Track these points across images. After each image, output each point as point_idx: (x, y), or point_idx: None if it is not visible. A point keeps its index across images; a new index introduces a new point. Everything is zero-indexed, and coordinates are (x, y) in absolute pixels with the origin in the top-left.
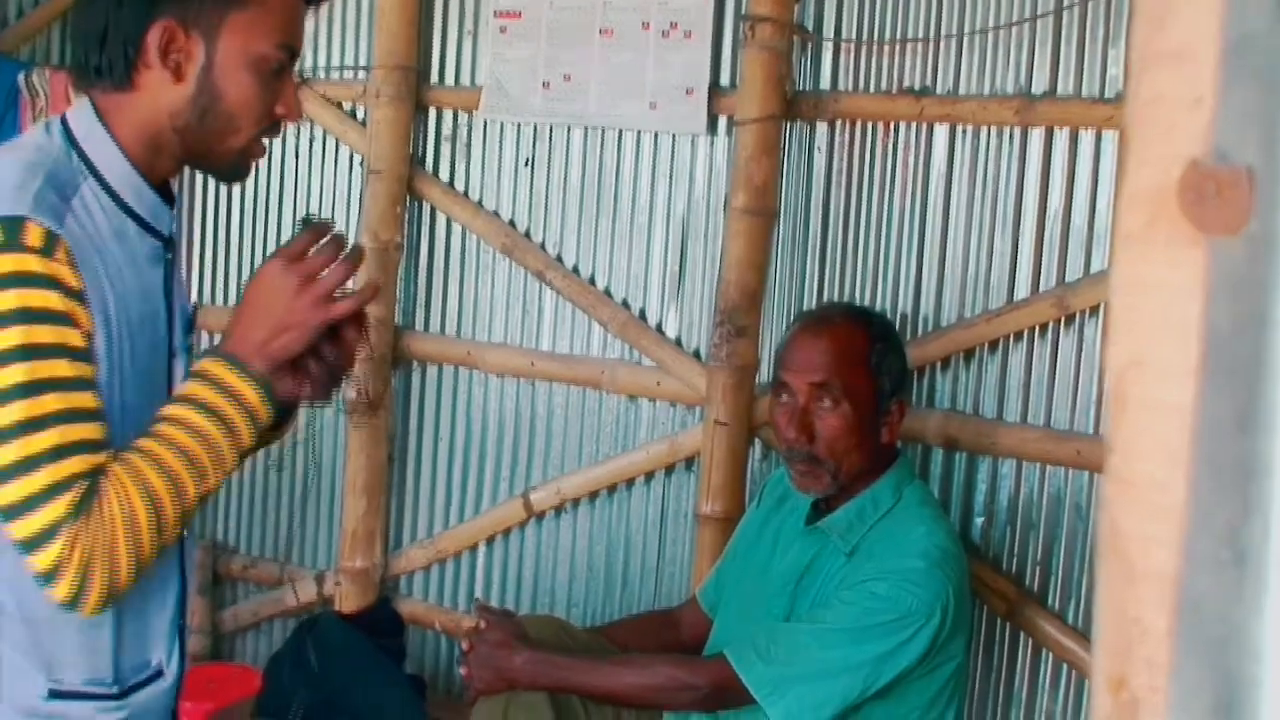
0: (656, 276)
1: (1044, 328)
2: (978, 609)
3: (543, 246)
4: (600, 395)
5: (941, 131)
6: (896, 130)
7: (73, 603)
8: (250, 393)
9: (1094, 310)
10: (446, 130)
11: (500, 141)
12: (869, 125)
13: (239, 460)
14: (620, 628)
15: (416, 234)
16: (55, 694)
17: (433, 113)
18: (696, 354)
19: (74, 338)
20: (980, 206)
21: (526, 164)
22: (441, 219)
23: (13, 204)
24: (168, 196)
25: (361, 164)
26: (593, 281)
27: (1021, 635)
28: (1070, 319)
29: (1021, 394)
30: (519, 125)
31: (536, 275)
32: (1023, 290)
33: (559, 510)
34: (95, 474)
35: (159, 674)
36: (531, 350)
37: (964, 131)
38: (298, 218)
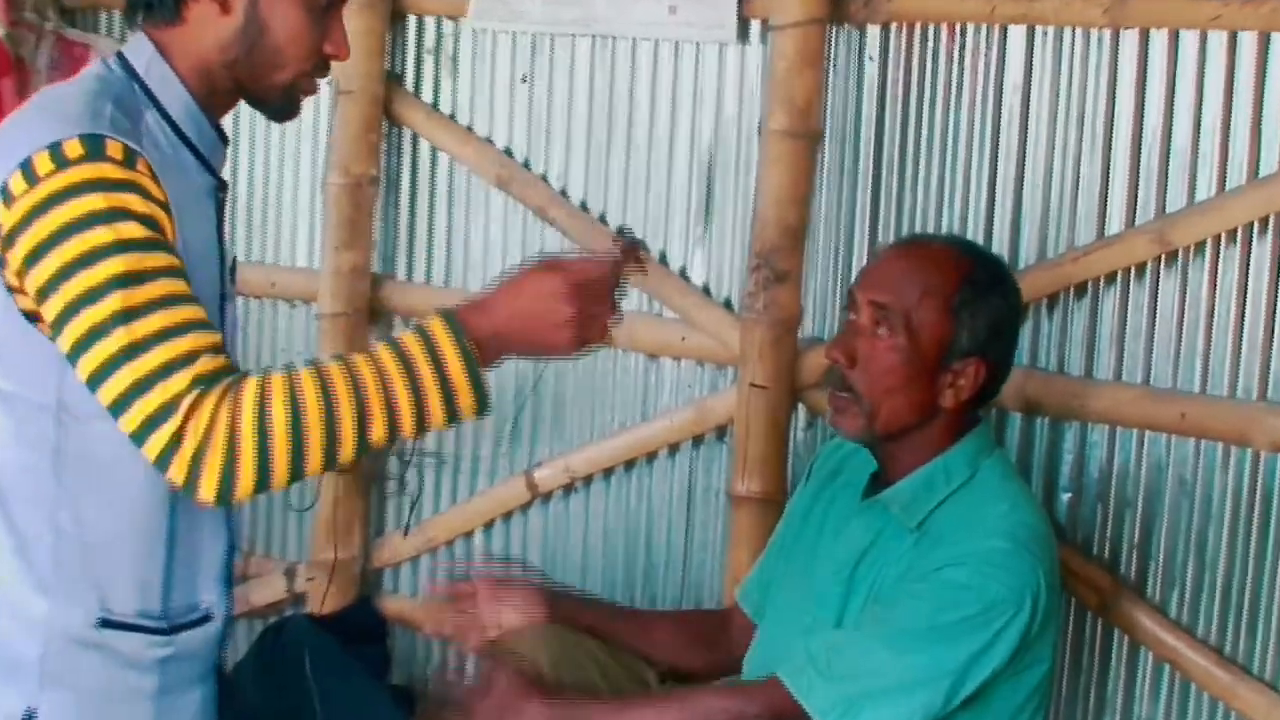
0: (679, 213)
1: (1141, 268)
2: (1065, 601)
3: (544, 179)
4: (615, 354)
5: (1017, 34)
6: (963, 33)
7: (189, 481)
8: (456, 365)
9: (1199, 247)
10: (429, 42)
11: (493, 55)
12: (930, 28)
13: (420, 427)
14: (662, 626)
15: (396, 166)
16: (106, 623)
17: (413, 21)
18: (728, 304)
19: (163, 239)
20: (1064, 125)
21: (524, 81)
22: (425, 148)
23: (91, 124)
24: (222, 135)
25: (329, 83)
26: (604, 220)
27: (1116, 632)
28: (1172, 257)
29: (1115, 347)
30: (515, 35)
31: (537, 213)
32: (1115, 224)
33: (568, 490)
34: (215, 353)
35: (207, 617)
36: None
37: (1043, 34)
38: (611, 228)
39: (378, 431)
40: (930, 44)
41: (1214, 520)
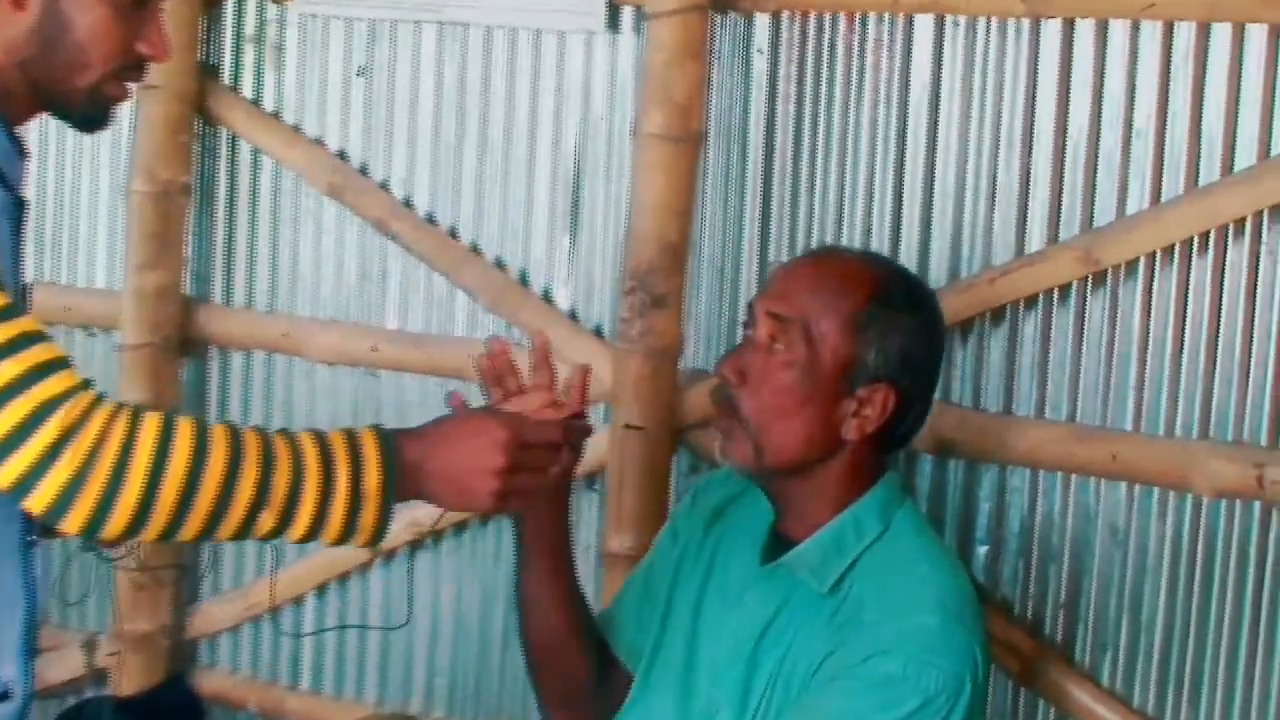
0: (541, 227)
1: (1065, 290)
2: None
3: (385, 187)
4: (467, 389)
5: (924, 25)
6: (864, 23)
7: (57, 504)
8: (374, 479)
9: (1131, 266)
10: (249, 29)
11: (324, 44)
12: (826, 17)
13: (311, 532)
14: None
15: (211, 172)
16: None
17: (229, 5)
18: (598, 331)
19: None
20: (978, 126)
21: (360, 74)
22: (245, 150)
23: None
24: (20, 148)
25: None
26: (454, 234)
27: (1041, 703)
28: (1100, 277)
29: (1037, 379)
30: (349, 21)
31: (377, 226)
32: (1036, 240)
33: (415, 547)
34: (86, 388)
35: (5, 695)
36: (372, 329)
37: (954, 25)
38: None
39: (268, 520)
40: (827, 35)
41: (1150, 575)
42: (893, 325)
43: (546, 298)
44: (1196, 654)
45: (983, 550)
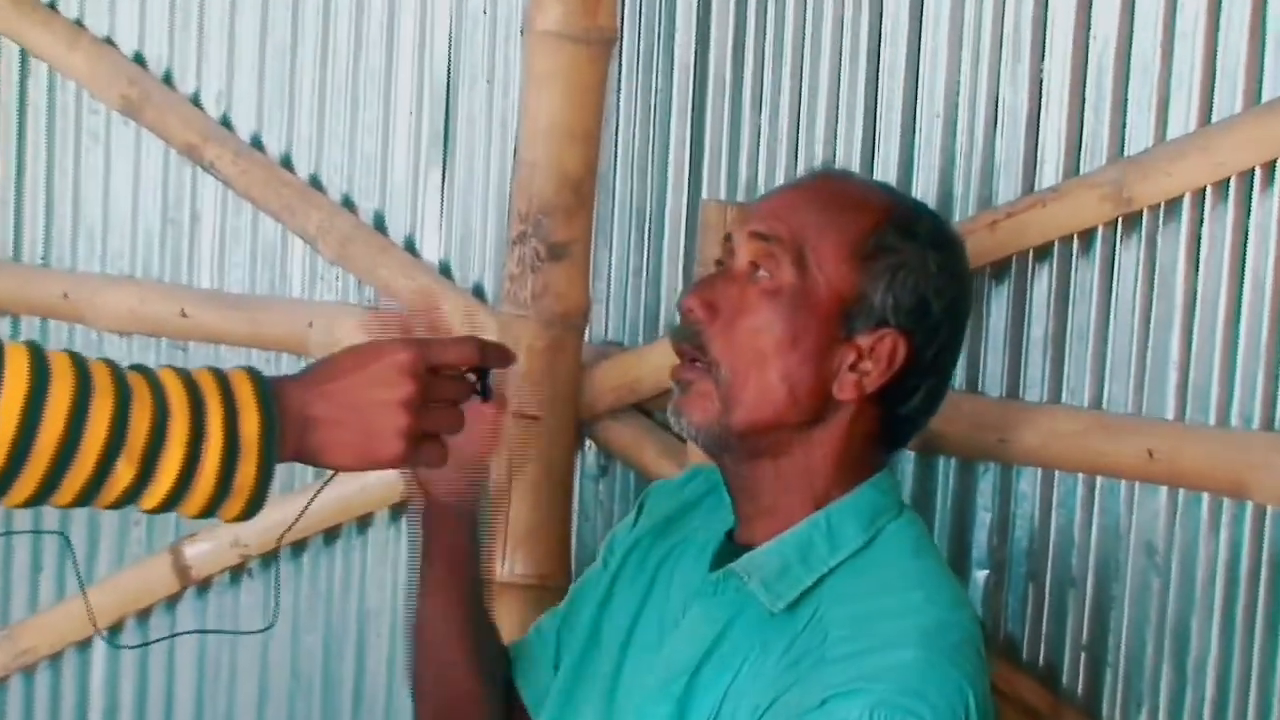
0: (402, 156)
1: (1088, 236)
2: None
3: (196, 103)
4: (300, 364)
5: None
6: None
7: None
8: (252, 425)
9: (1173, 206)
10: None
11: None
12: None
13: (180, 487)
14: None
15: None
16: None
17: None
18: (478, 292)
19: None
20: (973, 26)
21: None
22: (10, 53)
23: None
24: None
25: None
26: (288, 165)
27: None
28: (1133, 221)
29: (1051, 354)
30: None
31: (186, 154)
32: (1050, 172)
33: (238, 574)
34: None
35: None
36: (180, 289)
37: None
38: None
39: (125, 472)
40: None
41: (1198, 607)
42: (909, 260)
43: (410, 248)
44: (1260, 710)
45: (981, 575)
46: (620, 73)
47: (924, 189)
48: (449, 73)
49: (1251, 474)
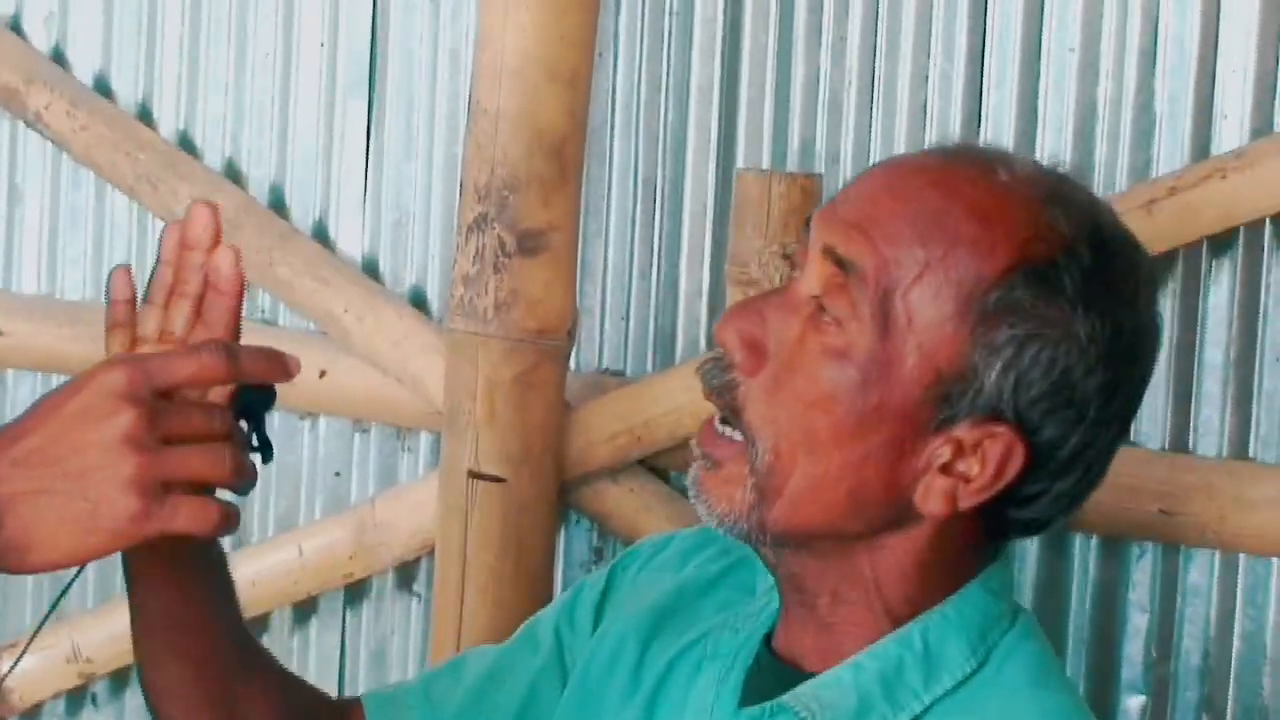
0: (309, 107)
1: None
2: None
3: (17, 28)
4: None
5: None
6: None
7: None
8: None
9: None
10: None
11: None
12: None
13: None
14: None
15: None
16: None
17: None
18: (416, 301)
19: None
20: None
21: None
22: None
23: None
24: None
25: None
26: (148, 120)
27: None
28: None
29: (1235, 389)
30: None
31: (3, 102)
32: (1232, 132)
33: (79, 697)
34: None
35: None
36: None
37: None
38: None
39: None
40: None
41: None
42: (1043, 329)
43: (321, 237)
44: None
45: (1134, 703)
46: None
47: (1051, 155)
48: None
49: None
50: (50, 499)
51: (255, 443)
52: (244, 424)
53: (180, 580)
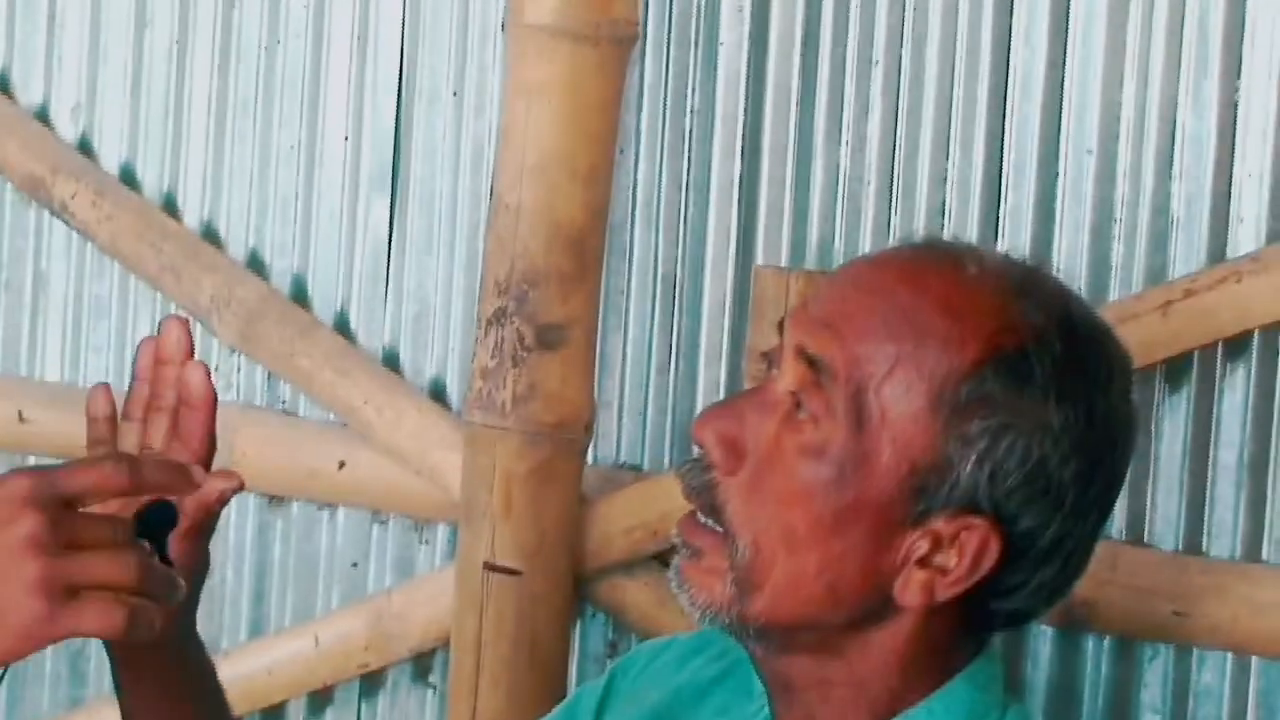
0: (333, 200)
1: None
2: None
3: (44, 118)
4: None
5: None
6: None
7: None
8: None
9: None
10: None
11: None
12: None
13: None
14: None
15: None
16: None
17: None
18: (436, 394)
19: None
20: (1144, 27)
21: None
22: None
23: None
24: None
25: None
26: (172, 209)
27: None
28: None
29: (1249, 491)
30: None
31: (29, 190)
32: (1248, 235)
33: None
34: None
35: None
36: (19, 381)
37: None
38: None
39: None
40: None
41: None
42: (1016, 421)
43: (343, 329)
44: None
45: None
46: (642, 84)
47: (1068, 256)
48: (400, 81)
49: None
50: None
51: (152, 544)
52: (146, 542)
53: (164, 684)
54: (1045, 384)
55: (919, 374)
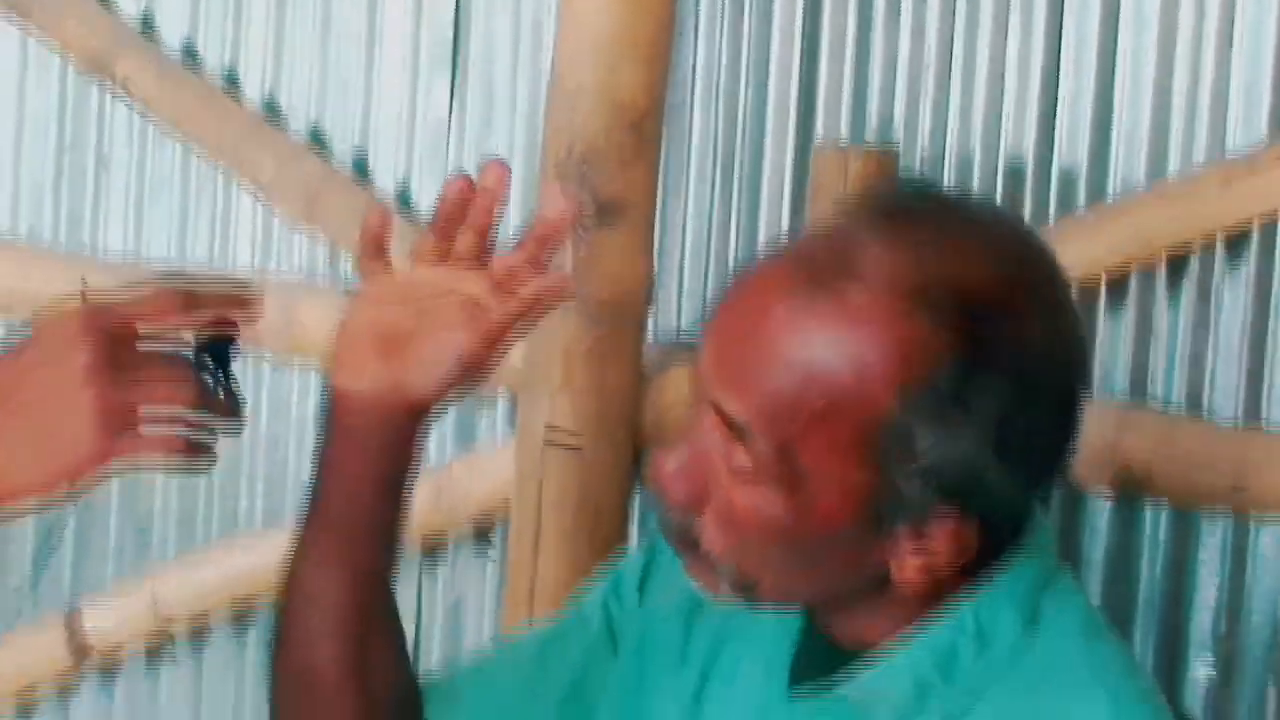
0: (394, 77)
1: None
2: None
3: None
4: (260, 374)
5: None
6: None
7: None
8: None
9: None
10: None
11: None
12: None
13: None
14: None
15: None
16: None
17: None
18: None
19: None
20: None
21: None
22: None
23: None
24: None
25: None
26: (234, 84)
27: None
28: None
29: None
30: None
31: (90, 69)
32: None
33: (157, 652)
34: None
35: None
36: (82, 255)
37: None
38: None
39: None
40: None
41: None
42: (945, 438)
43: (403, 201)
44: None
45: (1202, 672)
46: None
47: (1128, 129)
48: None
49: None
50: (14, 434)
51: (218, 380)
52: (208, 378)
53: (396, 468)
54: (965, 395)
55: (837, 432)
